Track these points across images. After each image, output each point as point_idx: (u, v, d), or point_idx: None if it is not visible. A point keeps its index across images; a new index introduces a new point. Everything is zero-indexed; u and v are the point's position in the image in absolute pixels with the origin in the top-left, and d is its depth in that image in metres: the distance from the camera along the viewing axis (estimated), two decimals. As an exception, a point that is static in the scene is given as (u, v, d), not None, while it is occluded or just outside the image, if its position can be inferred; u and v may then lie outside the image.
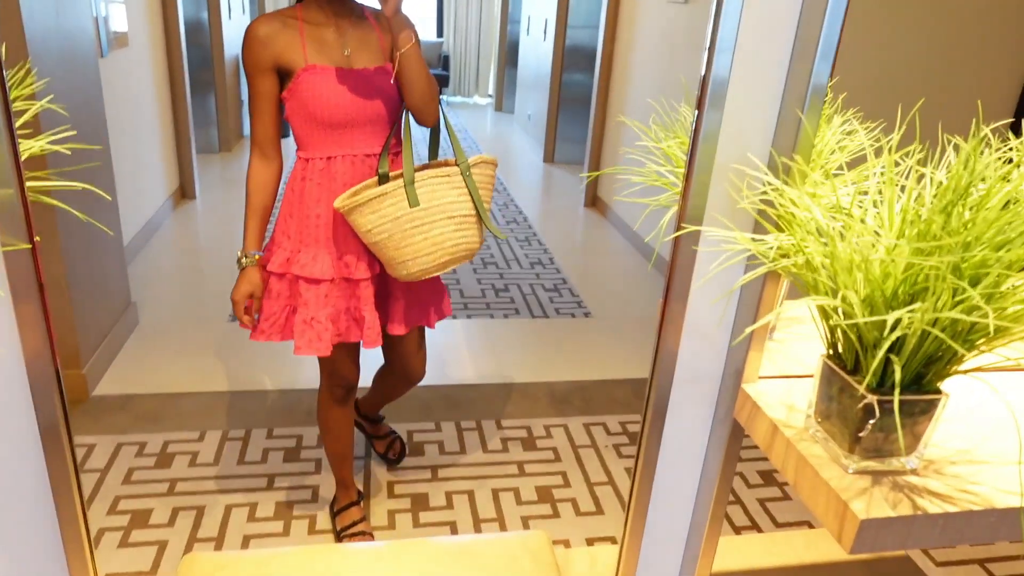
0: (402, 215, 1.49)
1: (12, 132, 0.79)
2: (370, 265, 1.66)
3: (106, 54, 3.37)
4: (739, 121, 0.86)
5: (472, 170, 1.56)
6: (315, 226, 1.63)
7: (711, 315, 0.94)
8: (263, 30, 1.51)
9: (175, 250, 4.02)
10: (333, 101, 1.53)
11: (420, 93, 1.55)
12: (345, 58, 1.56)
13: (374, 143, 1.61)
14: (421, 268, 1.54)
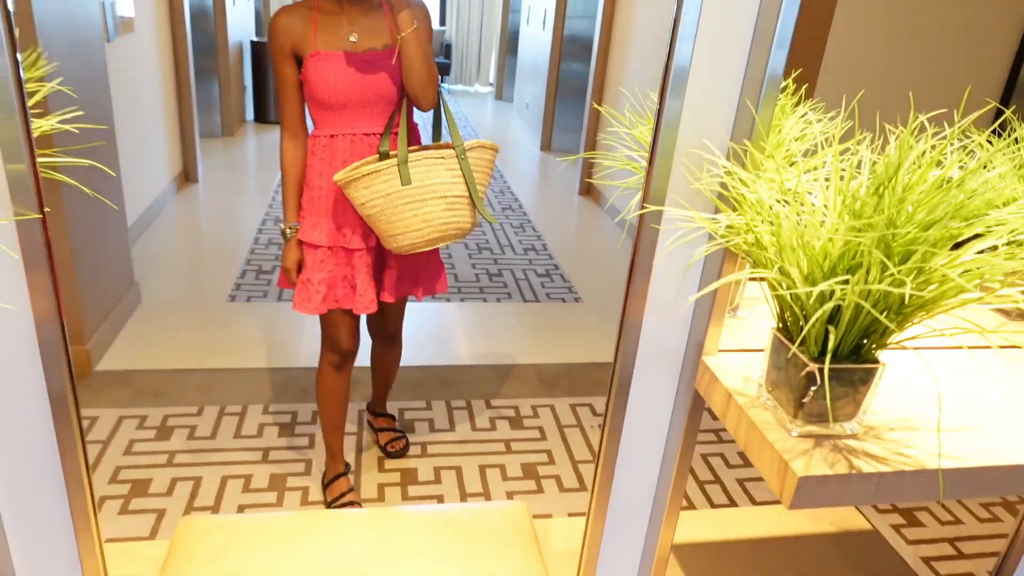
0: (393, 192, 1.58)
1: (25, 111, 0.85)
2: (365, 237, 1.77)
3: (112, 39, 3.42)
4: (700, 107, 0.92)
5: (468, 154, 1.65)
6: (317, 197, 1.76)
7: (673, 291, 1.00)
8: (282, 21, 1.66)
9: (178, 232, 4.09)
10: (333, 84, 1.64)
11: (418, 77, 1.65)
12: (351, 43, 1.68)
13: (374, 123, 1.72)
14: (410, 242, 1.64)
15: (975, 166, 0.74)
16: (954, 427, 0.96)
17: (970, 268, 0.76)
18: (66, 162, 1.01)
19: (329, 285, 1.80)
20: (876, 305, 0.79)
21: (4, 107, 0.84)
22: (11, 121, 0.85)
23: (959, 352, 1.15)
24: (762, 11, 0.90)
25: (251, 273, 3.57)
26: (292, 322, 3.11)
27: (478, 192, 1.66)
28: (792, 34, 0.91)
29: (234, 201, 4.72)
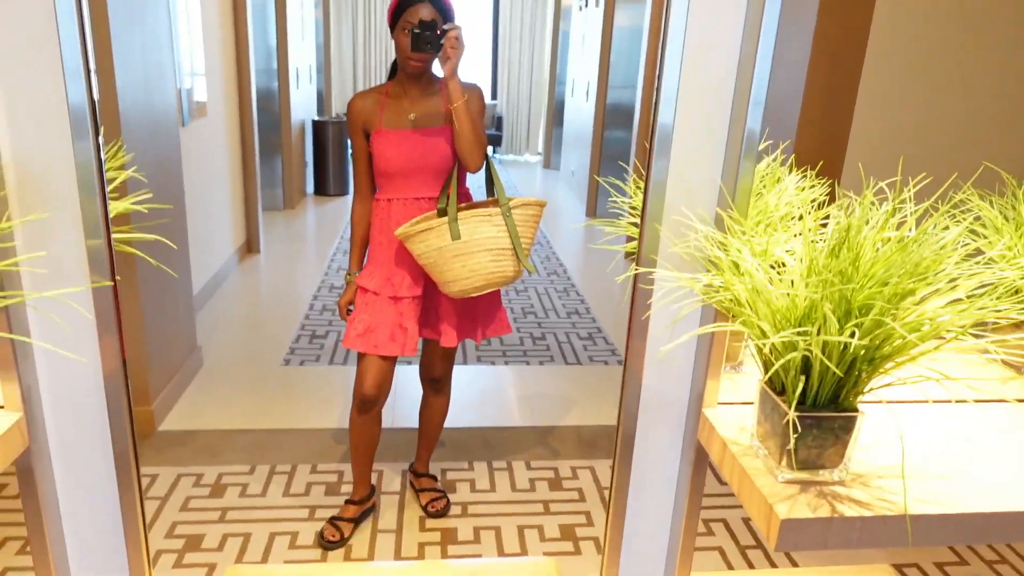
0: (444, 245, 1.82)
1: (104, 195, 1.01)
2: (411, 287, 2.02)
3: (187, 124, 3.75)
4: (685, 168, 1.02)
5: (514, 211, 1.86)
6: (375, 251, 2.07)
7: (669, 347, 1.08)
8: (356, 103, 2.00)
9: (239, 299, 4.33)
10: (391, 157, 1.95)
11: (467, 141, 1.91)
12: (410, 121, 1.98)
13: (425, 189, 2.00)
14: (460, 288, 1.86)
15: (923, 227, 0.82)
16: (945, 475, 1.00)
17: (929, 320, 0.82)
18: (138, 237, 1.17)
19: (370, 328, 2.01)
20: (843, 355, 0.85)
21: (87, 190, 1.00)
22: (92, 203, 1.00)
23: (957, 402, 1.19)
24: (740, 71, 1.00)
25: (305, 338, 3.76)
26: (341, 385, 3.25)
27: (521, 245, 1.86)
28: (766, 91, 1.01)
29: (292, 270, 4.98)
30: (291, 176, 6.42)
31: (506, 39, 9.73)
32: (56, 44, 0.92)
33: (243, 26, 4.75)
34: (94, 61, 0.96)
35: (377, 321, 2.01)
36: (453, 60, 1.83)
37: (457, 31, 1.82)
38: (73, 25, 0.92)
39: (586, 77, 6.79)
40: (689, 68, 1.00)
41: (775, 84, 1.05)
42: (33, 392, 1.04)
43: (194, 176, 3.97)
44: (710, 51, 1.00)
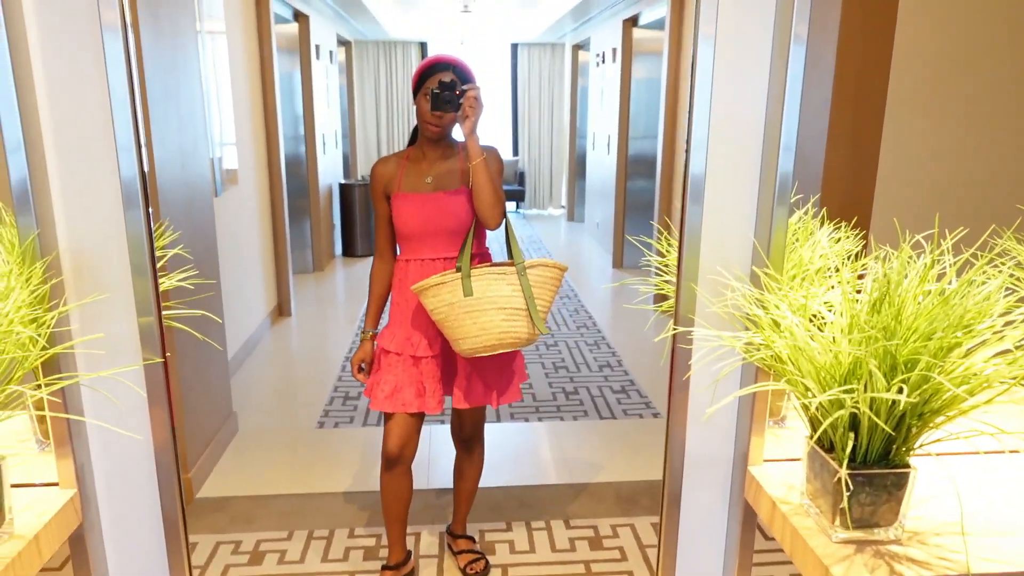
0: (456, 301, 1.82)
1: (155, 274, 1.05)
2: (430, 346, 2.03)
3: (220, 193, 3.86)
4: (718, 223, 1.03)
5: (529, 271, 1.87)
6: (395, 311, 2.10)
7: (714, 408, 1.08)
8: (378, 168, 2.07)
9: (272, 363, 4.38)
10: (408, 219, 2.00)
11: (485, 199, 1.94)
12: (427, 185, 2.02)
13: (440, 250, 2.02)
14: (471, 347, 1.84)
15: (964, 278, 0.81)
16: (1006, 530, 0.97)
17: (977, 372, 0.81)
18: (185, 313, 1.21)
19: (395, 388, 2.03)
20: (892, 411, 0.84)
21: (140, 271, 1.03)
22: (144, 282, 1.04)
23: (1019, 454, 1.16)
24: (769, 114, 1.01)
25: (338, 400, 3.77)
26: (374, 446, 3.24)
27: (536, 306, 1.84)
28: (796, 136, 1.02)
29: (323, 332, 5.03)
30: (320, 239, 6.54)
31: (525, 96, 9.94)
32: (111, 131, 0.97)
33: (271, 96, 4.92)
34: (139, 140, 1.01)
35: (402, 381, 2.04)
36: (472, 119, 1.89)
37: (476, 91, 1.88)
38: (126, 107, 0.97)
39: (606, 130, 6.89)
40: (718, 115, 1.02)
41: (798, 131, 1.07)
42: (86, 468, 1.06)
43: (227, 243, 4.07)
44: (737, 98, 1.03)
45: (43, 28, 0.96)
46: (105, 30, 0.95)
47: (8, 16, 0.93)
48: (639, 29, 6.17)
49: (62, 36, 0.97)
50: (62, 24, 0.97)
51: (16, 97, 0.93)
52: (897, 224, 0.96)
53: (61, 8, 0.96)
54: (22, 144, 0.93)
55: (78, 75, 0.96)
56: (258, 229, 4.78)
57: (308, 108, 6.10)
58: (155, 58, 2.54)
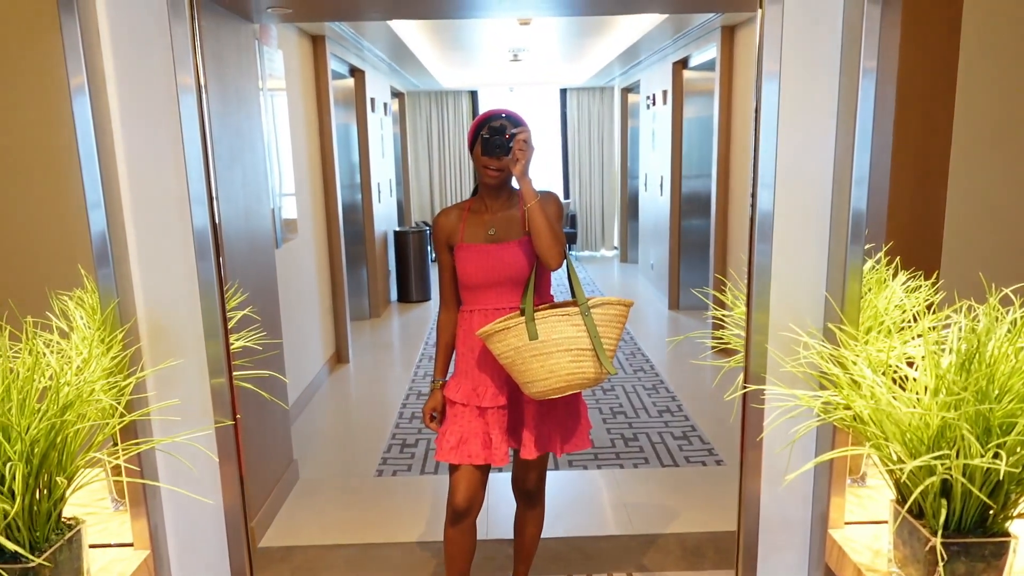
0: (522, 345, 1.83)
1: (227, 335, 1.07)
2: (495, 397, 2.03)
3: (280, 245, 3.98)
4: (789, 271, 1.00)
5: (593, 310, 1.85)
6: (460, 361, 2.11)
7: (786, 464, 1.04)
8: (440, 220, 2.10)
9: (330, 410, 4.43)
10: (471, 271, 2.02)
11: (543, 240, 1.93)
12: (489, 236, 2.04)
13: (504, 300, 2.03)
14: (539, 390, 1.84)
15: (1062, 337, 0.77)
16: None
17: (1081, 436, 0.76)
18: (253, 374, 1.23)
19: (461, 440, 2.02)
20: (988, 476, 0.79)
21: (212, 334, 1.06)
22: (216, 345, 1.07)
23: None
24: (838, 148, 0.98)
25: (396, 447, 3.78)
26: (433, 495, 3.23)
27: (602, 346, 1.83)
28: (868, 170, 0.99)
29: (381, 378, 5.08)
30: (376, 285, 6.65)
31: (575, 139, 10.02)
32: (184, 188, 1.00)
33: (329, 148, 5.07)
34: (212, 194, 1.04)
35: (468, 432, 2.03)
36: (522, 161, 1.90)
37: (525, 134, 1.90)
38: (199, 164, 1.01)
39: (659, 171, 6.88)
40: (785, 148, 1.00)
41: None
42: (159, 529, 1.08)
43: (288, 292, 4.16)
44: (804, 136, 1.00)
45: (122, 91, 1.01)
46: (181, 91, 1.00)
47: (92, 79, 0.98)
48: (689, 71, 6.19)
49: (140, 98, 1.02)
50: (141, 87, 1.02)
51: (97, 155, 0.98)
52: (984, 281, 0.91)
53: (140, 71, 1.01)
54: (102, 200, 0.97)
55: (155, 134, 1.01)
56: (316, 278, 4.89)
57: (364, 158, 6.26)
58: (222, 119, 2.65)
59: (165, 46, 1.02)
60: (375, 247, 6.54)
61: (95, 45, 1.00)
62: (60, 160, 1.01)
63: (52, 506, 0.87)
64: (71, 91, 0.99)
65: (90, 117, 0.98)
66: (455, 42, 6.63)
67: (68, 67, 0.98)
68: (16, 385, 0.79)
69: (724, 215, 5.20)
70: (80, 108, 0.98)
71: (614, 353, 1.87)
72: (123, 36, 1.01)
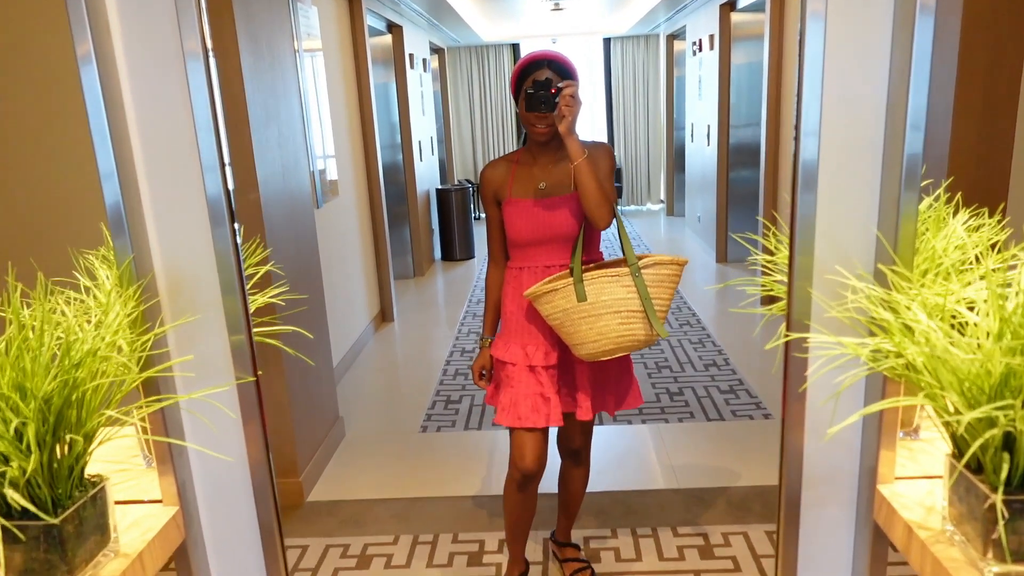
0: (570, 307, 1.76)
1: (244, 292, 1.05)
2: (547, 355, 1.96)
3: (321, 205, 3.98)
4: (835, 213, 0.93)
5: (645, 271, 1.77)
6: (508, 320, 2.03)
7: (831, 415, 0.97)
8: (488, 173, 2.01)
9: (376, 369, 4.48)
10: (520, 226, 1.94)
11: (591, 198, 1.82)
12: (540, 191, 1.94)
13: (555, 257, 1.96)
14: (589, 352, 1.79)
15: None
16: None
17: None
18: (276, 330, 1.21)
19: (514, 401, 1.96)
20: (1056, 429, 0.72)
21: (228, 290, 1.04)
22: (234, 300, 1.05)
23: None
24: (891, 92, 0.90)
25: (440, 403, 3.80)
26: (477, 450, 3.24)
27: (653, 307, 1.75)
28: (925, 114, 0.90)
29: (425, 336, 5.11)
30: (419, 244, 6.65)
31: (619, 90, 9.77)
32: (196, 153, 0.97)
33: (368, 107, 5.03)
34: (230, 156, 1.00)
35: (519, 393, 1.97)
36: (568, 117, 1.77)
37: (572, 88, 1.76)
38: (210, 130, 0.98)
39: (705, 120, 6.65)
40: (831, 97, 0.91)
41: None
42: (187, 486, 1.08)
43: (331, 252, 4.18)
44: (853, 77, 0.91)
45: (131, 59, 0.98)
46: (188, 57, 0.96)
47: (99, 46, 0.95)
48: (737, 13, 5.92)
49: (148, 65, 0.98)
50: (148, 54, 0.98)
51: (108, 126, 0.95)
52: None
53: (147, 38, 0.98)
54: (115, 170, 0.95)
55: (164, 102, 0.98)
56: (359, 237, 4.91)
57: (404, 116, 6.21)
58: (255, 80, 2.62)
59: (172, 9, 0.97)
60: (417, 206, 6.53)
61: (100, 11, 0.96)
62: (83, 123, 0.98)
63: (74, 462, 0.86)
64: (78, 60, 0.95)
65: (99, 87, 0.95)
66: (493, -7, 6.47)
67: (74, 35, 0.94)
68: (27, 344, 0.78)
69: (774, 165, 5.01)
70: (88, 77, 0.95)
71: (666, 314, 1.79)
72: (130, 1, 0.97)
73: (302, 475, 2.92)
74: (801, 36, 0.88)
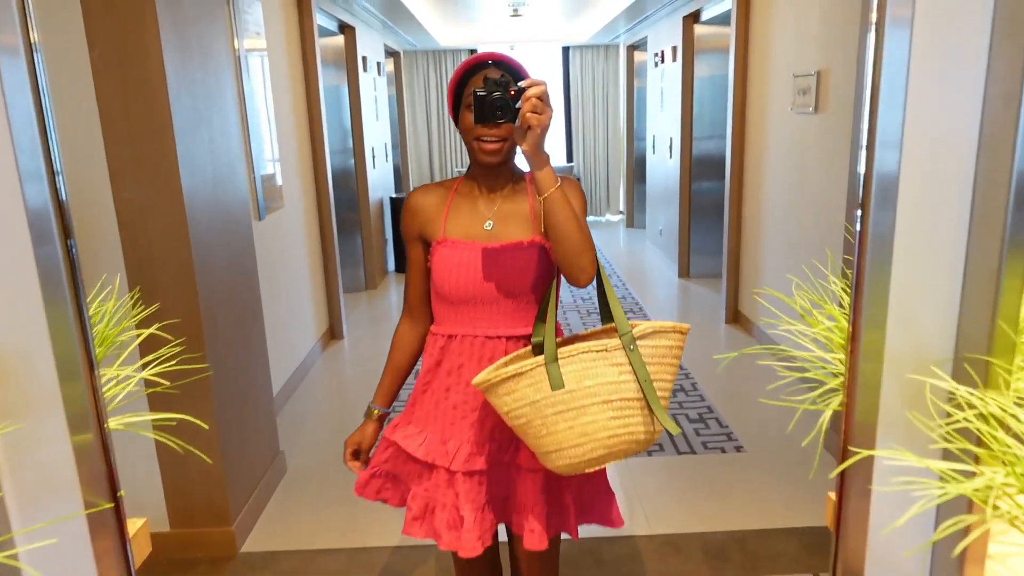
0: (541, 398, 1.27)
1: (93, 371, 0.76)
2: (471, 458, 1.49)
3: (263, 217, 3.67)
4: (911, 265, 0.70)
5: (641, 342, 1.31)
6: (427, 402, 1.57)
7: (899, 546, 0.75)
8: (415, 201, 1.53)
9: (323, 393, 4.16)
10: (455, 278, 1.46)
11: (569, 245, 1.34)
12: (485, 231, 1.48)
13: (499, 325, 1.48)
14: (568, 462, 1.29)
15: None
16: None
17: None
18: (158, 418, 0.91)
19: (427, 507, 1.54)
20: None
21: (69, 372, 0.73)
22: (77, 387, 0.75)
23: None
24: (987, 116, 0.67)
25: (392, 434, 3.52)
26: (432, 489, 2.97)
27: (654, 392, 1.29)
28: None
29: (378, 354, 4.80)
30: (372, 255, 6.35)
31: (579, 99, 9.61)
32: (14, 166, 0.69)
33: (317, 111, 4.72)
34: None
35: (435, 498, 1.53)
36: (537, 130, 1.26)
37: (540, 89, 1.26)
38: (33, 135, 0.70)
39: (668, 132, 6.51)
40: (914, 108, 0.69)
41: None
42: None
43: (274, 266, 3.87)
44: (938, 86, 0.69)
45: None
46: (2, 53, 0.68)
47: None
48: (701, 25, 5.78)
49: None
50: None
51: None
52: None
53: None
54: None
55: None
56: (306, 249, 4.59)
57: (356, 121, 5.91)
58: (182, 80, 2.32)
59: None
60: (370, 214, 6.23)
61: None
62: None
63: None
64: None
65: None
66: (451, -5, 6.22)
67: None
68: None
69: (739, 178, 4.86)
70: None
71: (668, 401, 1.35)
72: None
73: (235, 523, 2.61)
74: (877, 44, 0.66)
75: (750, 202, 4.73)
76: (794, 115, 3.90)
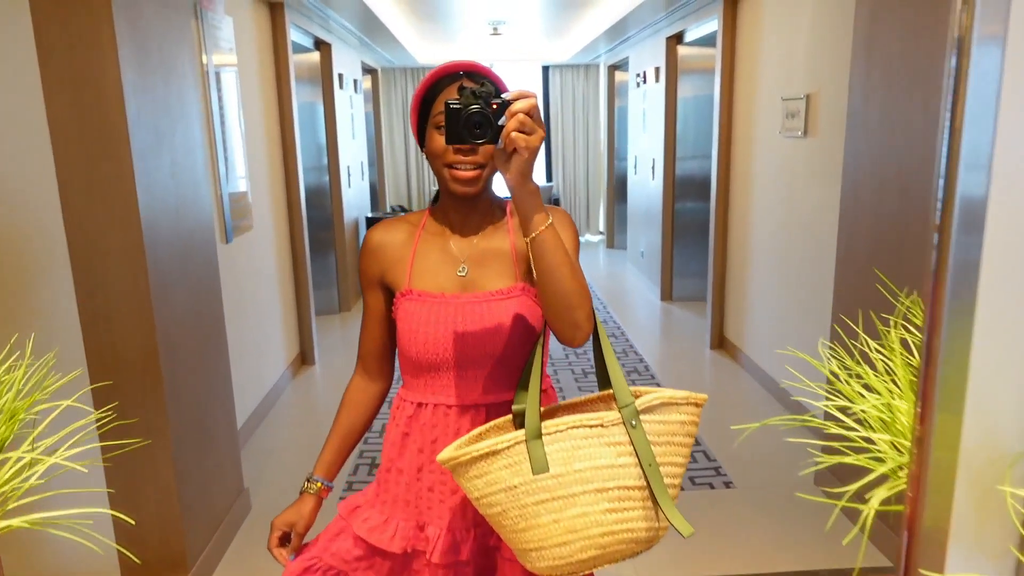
0: (520, 484, 1.01)
1: None
2: (454, 547, 1.27)
3: (231, 240, 3.49)
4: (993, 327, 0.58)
5: (645, 416, 1.05)
6: (393, 481, 1.32)
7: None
8: (376, 239, 1.30)
9: (292, 423, 3.97)
10: (423, 337, 1.23)
11: (567, 293, 1.09)
12: (458, 279, 1.25)
13: (474, 391, 1.25)
14: (550, 563, 1.03)
15: None
16: None
17: None
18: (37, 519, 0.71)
19: None
20: None
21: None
22: None
23: None
24: None
25: (364, 468, 3.34)
26: (407, 529, 2.80)
27: (661, 480, 1.04)
28: None
29: (350, 381, 4.62)
30: (346, 276, 6.17)
31: (559, 119, 9.56)
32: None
33: (290, 129, 4.57)
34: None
35: None
36: (524, 154, 1.01)
37: (528, 103, 1.01)
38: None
39: (650, 153, 6.44)
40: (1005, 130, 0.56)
41: None
42: None
43: (242, 290, 3.69)
44: None
45: None
46: None
47: None
48: (684, 47, 5.73)
49: None
50: None
51: None
52: None
53: None
54: None
55: None
56: (276, 270, 4.42)
57: (331, 139, 5.76)
58: (141, 98, 2.16)
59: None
60: (345, 234, 6.06)
61: None
62: None
63: None
64: None
65: None
66: (430, 13, 6.12)
67: None
68: None
69: (725, 200, 4.78)
70: None
71: (678, 493, 1.09)
72: None
73: (192, 570, 2.42)
74: (959, 64, 0.54)
75: (736, 225, 4.65)
76: (782, 139, 3.83)
